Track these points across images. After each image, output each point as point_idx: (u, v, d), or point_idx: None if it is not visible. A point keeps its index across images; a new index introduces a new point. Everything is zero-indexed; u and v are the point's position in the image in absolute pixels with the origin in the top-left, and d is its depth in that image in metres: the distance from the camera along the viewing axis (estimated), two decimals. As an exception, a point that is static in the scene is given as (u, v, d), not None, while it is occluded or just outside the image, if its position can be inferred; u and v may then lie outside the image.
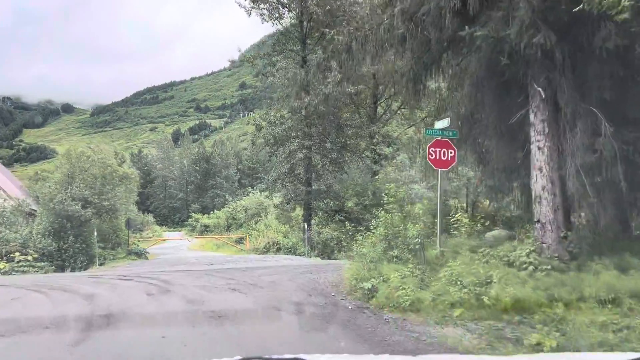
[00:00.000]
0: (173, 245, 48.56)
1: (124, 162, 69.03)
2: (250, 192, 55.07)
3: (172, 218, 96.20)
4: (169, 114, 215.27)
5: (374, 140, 28.46)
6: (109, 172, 24.40)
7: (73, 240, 22.75)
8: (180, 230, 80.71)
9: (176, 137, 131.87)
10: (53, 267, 21.22)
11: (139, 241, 28.84)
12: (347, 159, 29.95)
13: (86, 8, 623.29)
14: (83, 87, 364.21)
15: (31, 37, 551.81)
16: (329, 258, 26.50)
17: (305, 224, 28.82)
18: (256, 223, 45.28)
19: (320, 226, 27.78)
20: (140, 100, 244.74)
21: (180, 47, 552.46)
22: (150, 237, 59.64)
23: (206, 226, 66.28)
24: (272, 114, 29.48)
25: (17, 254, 20.65)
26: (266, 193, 56.24)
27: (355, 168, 31.51)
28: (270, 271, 14.96)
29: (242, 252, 29.43)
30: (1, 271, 19.64)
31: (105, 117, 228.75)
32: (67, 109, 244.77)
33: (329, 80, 26.87)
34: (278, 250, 27.30)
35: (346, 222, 27.94)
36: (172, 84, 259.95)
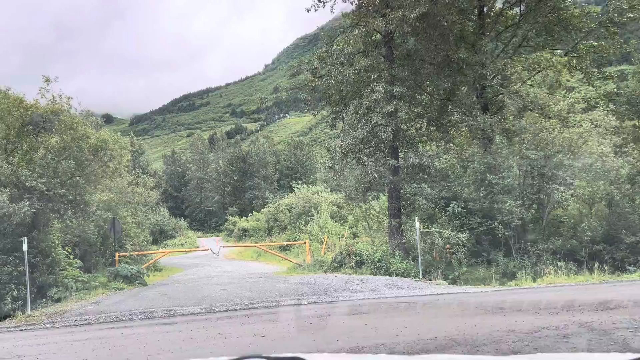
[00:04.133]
0: (204, 254, 37.98)
1: (142, 153, 59.53)
2: (295, 188, 43.79)
3: (208, 222, 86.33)
4: (206, 120, 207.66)
5: (506, 75, 16.65)
6: (73, 139, 13.49)
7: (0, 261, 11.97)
8: (217, 236, 71.07)
9: (213, 142, 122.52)
10: None
11: (130, 257, 17.82)
12: (454, 117, 18.29)
13: (122, 21, 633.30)
14: (121, 98, 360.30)
15: (70, 51, 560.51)
16: (448, 278, 14.82)
17: (397, 221, 17.27)
18: (306, 224, 34.11)
19: (425, 225, 16.15)
20: (177, 107, 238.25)
21: (215, 54, 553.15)
22: (182, 245, 49.46)
23: (244, 230, 55.96)
24: (337, 48, 18.03)
25: None
26: (315, 187, 44.99)
27: (463, 133, 19.73)
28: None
29: (300, 268, 17.94)
30: None
31: (143, 126, 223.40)
32: (108, 119, 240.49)
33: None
34: (359, 264, 15.83)
35: (471, 218, 16.40)
36: (207, 91, 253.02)
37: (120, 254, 17.52)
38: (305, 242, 19.34)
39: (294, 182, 51.99)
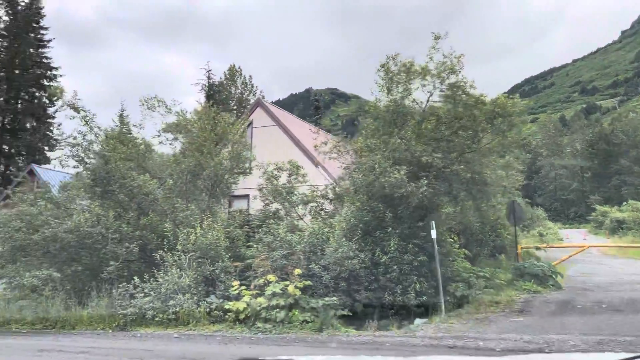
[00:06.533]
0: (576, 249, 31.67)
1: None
2: None
3: (565, 212, 76.72)
4: (550, 102, 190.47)
5: None
6: (465, 106, 10.94)
7: (399, 247, 10.35)
8: (577, 227, 61.89)
9: (564, 124, 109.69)
10: (343, 309, 8.96)
11: (534, 249, 14.40)
12: None
13: (461, 15, 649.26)
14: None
15: (412, 55, 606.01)
16: None
17: None
18: None
19: None
20: (519, 92, 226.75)
21: (557, 31, 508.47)
22: (558, 240, 43.26)
23: (619, 222, 46.03)
24: None
25: (272, 277, 9.56)
26: None
27: None
28: None
29: None
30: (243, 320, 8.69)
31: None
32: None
33: None
34: None
35: None
36: (551, 71, 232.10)
37: (523, 247, 14.48)
38: None
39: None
